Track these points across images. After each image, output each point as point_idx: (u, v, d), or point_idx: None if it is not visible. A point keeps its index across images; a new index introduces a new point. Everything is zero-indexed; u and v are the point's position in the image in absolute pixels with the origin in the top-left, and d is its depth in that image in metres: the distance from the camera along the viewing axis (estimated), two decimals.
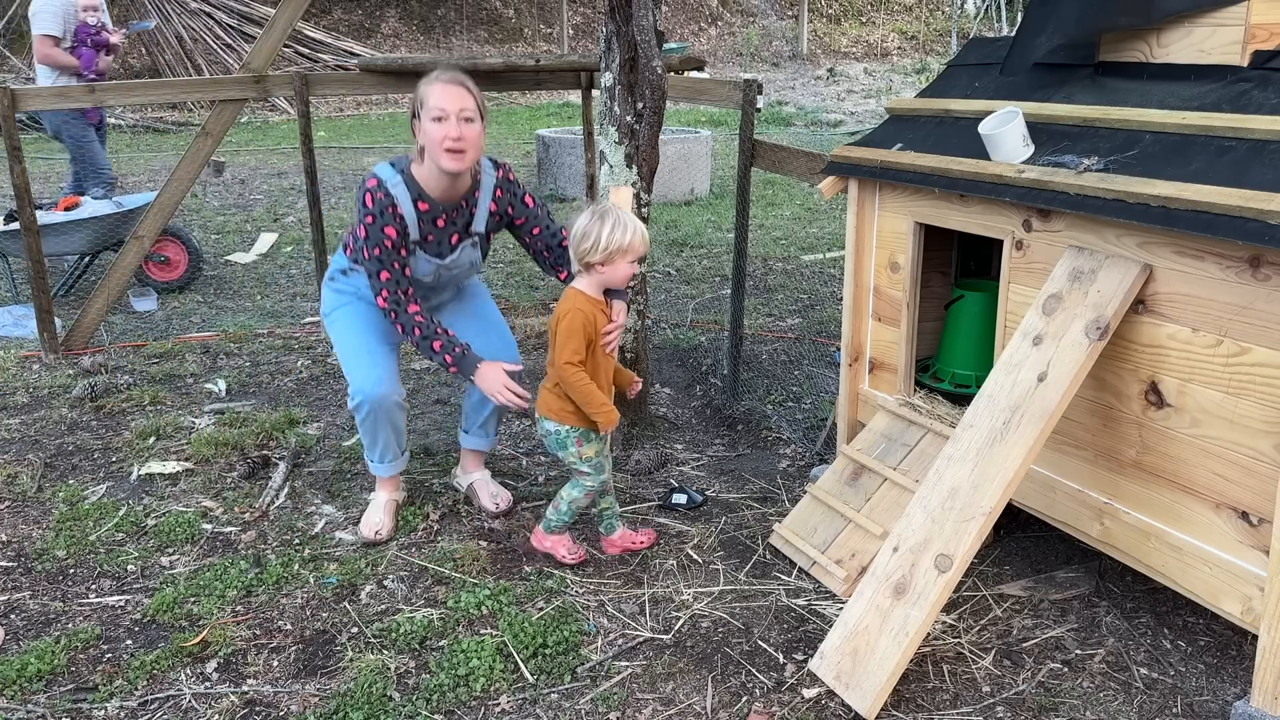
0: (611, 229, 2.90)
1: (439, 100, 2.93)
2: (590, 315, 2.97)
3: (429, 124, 2.94)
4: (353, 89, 5.27)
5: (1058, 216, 2.67)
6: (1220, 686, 2.54)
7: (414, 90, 3.06)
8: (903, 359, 3.30)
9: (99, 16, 6.57)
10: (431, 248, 3.15)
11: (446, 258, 3.18)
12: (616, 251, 2.92)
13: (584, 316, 2.95)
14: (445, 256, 3.18)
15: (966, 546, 2.47)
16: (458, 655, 2.64)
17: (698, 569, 3.11)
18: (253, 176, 10.32)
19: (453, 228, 3.17)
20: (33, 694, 2.54)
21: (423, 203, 3.07)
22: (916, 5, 22.74)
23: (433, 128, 2.93)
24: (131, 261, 5.28)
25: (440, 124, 2.92)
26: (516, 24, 19.60)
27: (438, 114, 2.92)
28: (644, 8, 3.60)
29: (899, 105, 3.38)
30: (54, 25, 6.46)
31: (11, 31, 15.42)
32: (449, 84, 2.96)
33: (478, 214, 3.20)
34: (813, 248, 7.32)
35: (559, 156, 9.10)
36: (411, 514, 3.41)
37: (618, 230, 2.90)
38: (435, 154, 2.96)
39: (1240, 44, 2.53)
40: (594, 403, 2.94)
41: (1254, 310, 2.25)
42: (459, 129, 2.93)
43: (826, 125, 14.01)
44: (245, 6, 15.45)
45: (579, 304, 2.98)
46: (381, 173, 3.05)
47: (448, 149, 2.94)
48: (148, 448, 3.98)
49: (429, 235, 3.12)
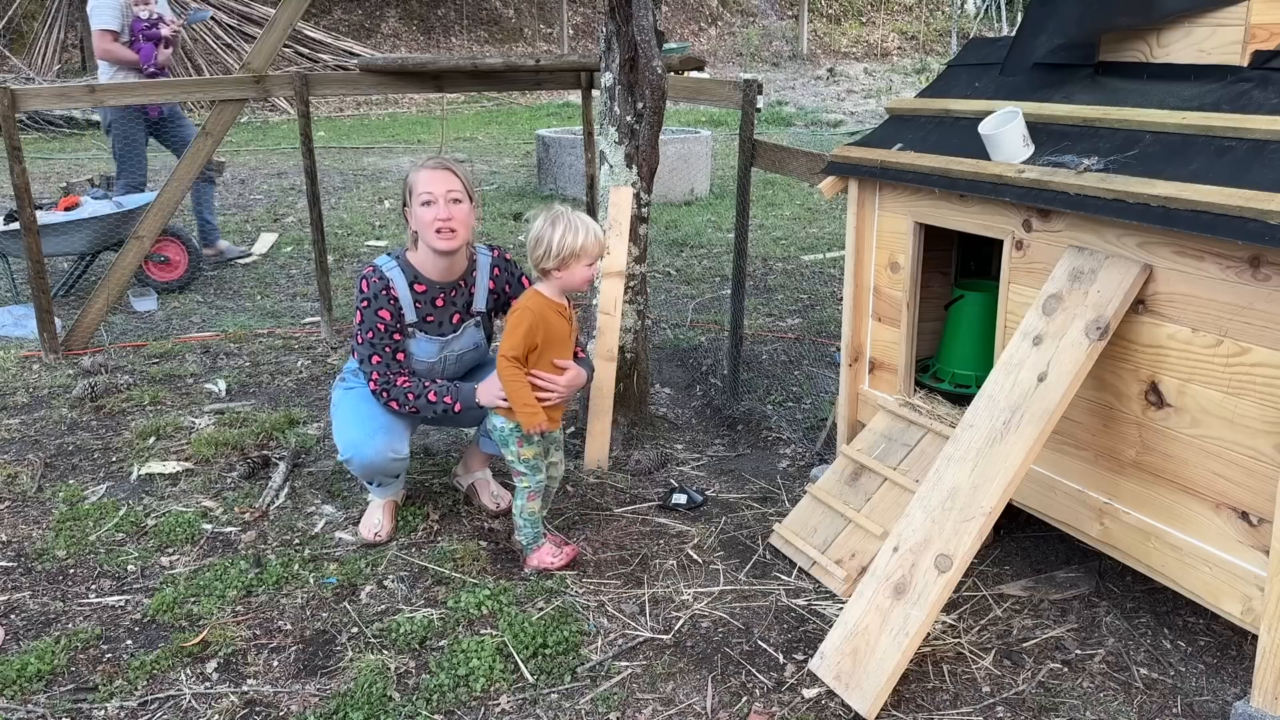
0: (563, 233, 2.91)
1: (426, 185, 3.07)
2: (541, 316, 2.97)
3: (419, 209, 3.08)
4: (353, 89, 5.27)
5: (1058, 216, 2.67)
6: (1220, 686, 2.54)
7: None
8: (903, 359, 3.30)
9: (151, 9, 6.37)
10: (433, 328, 3.23)
11: (448, 335, 3.25)
12: (570, 256, 2.92)
13: (533, 316, 2.96)
14: (447, 334, 3.24)
15: (966, 546, 2.47)
16: (458, 655, 2.64)
17: (698, 569, 3.11)
18: (253, 176, 10.32)
19: (452, 307, 3.25)
20: (33, 694, 2.54)
21: (419, 285, 3.19)
22: (916, 5, 22.73)
23: (423, 211, 3.07)
24: (131, 261, 5.28)
25: (429, 207, 3.06)
26: (516, 24, 19.60)
27: (426, 198, 3.06)
28: (644, 8, 3.61)
29: (899, 105, 3.38)
30: (111, 20, 6.26)
31: (11, 31, 15.42)
32: (435, 169, 3.11)
33: (477, 293, 3.29)
34: (813, 248, 7.33)
35: (559, 156, 9.10)
36: (411, 514, 3.41)
37: (569, 234, 2.91)
38: (427, 236, 3.09)
39: (1240, 44, 2.53)
40: (520, 400, 2.95)
41: (1254, 310, 2.25)
42: (448, 210, 3.07)
43: (826, 125, 14.01)
44: (245, 6, 15.46)
45: (531, 303, 2.99)
46: (378, 261, 3.21)
47: (438, 230, 3.07)
48: (148, 448, 3.98)
49: (428, 316, 3.21)
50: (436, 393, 3.14)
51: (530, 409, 2.95)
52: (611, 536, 3.31)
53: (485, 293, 3.30)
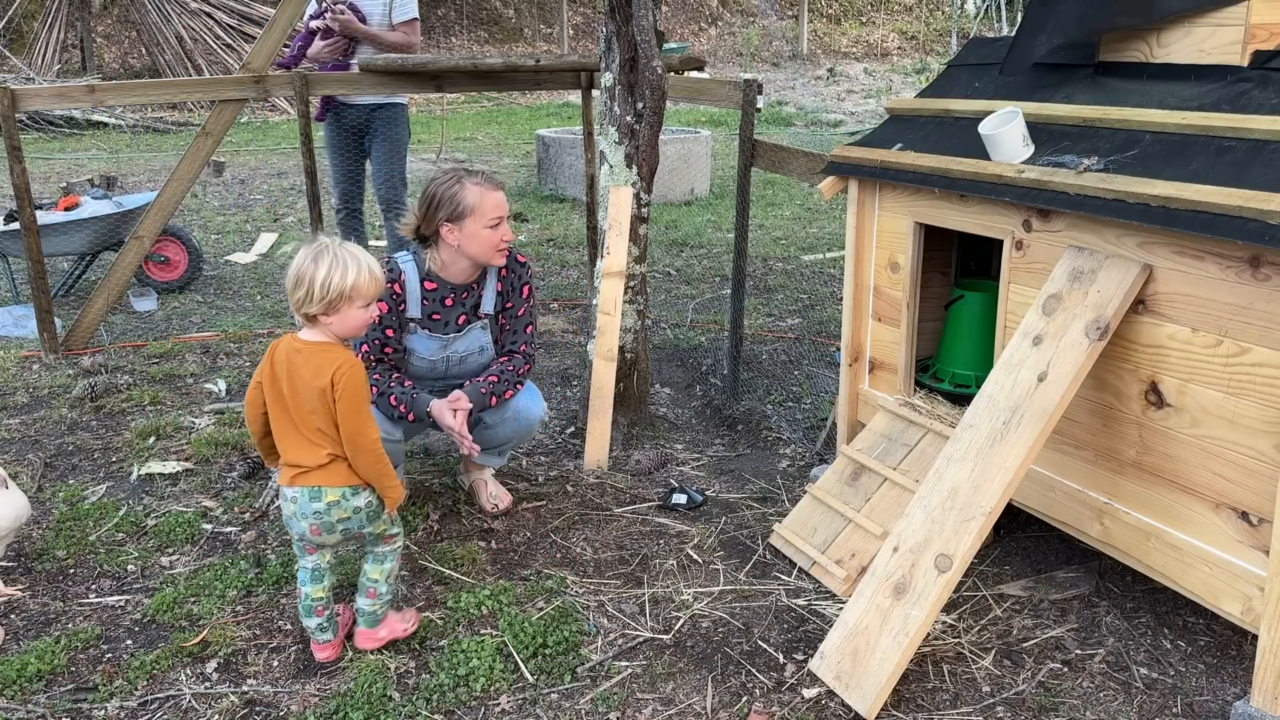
0: (328, 271, 2.42)
1: (496, 209, 3.12)
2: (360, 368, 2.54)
3: (482, 230, 3.11)
4: (353, 89, 5.26)
5: (1058, 216, 2.67)
6: (1220, 686, 2.54)
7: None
8: (903, 359, 3.30)
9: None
10: (437, 326, 3.25)
11: (450, 334, 3.26)
12: (339, 298, 2.44)
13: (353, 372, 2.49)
14: (450, 334, 3.26)
15: (966, 546, 2.47)
16: (458, 655, 2.64)
17: (698, 569, 3.11)
18: (253, 176, 10.32)
19: (460, 308, 3.27)
20: (33, 694, 2.54)
21: (429, 282, 3.22)
22: (916, 5, 22.73)
23: (489, 234, 3.12)
24: (131, 261, 5.28)
25: (496, 229, 3.13)
26: (516, 24, 19.60)
27: (494, 221, 3.12)
28: (644, 8, 3.61)
29: (899, 105, 3.38)
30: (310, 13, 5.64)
31: (11, 31, 15.42)
32: (496, 190, 3.15)
33: (485, 295, 3.31)
34: (813, 248, 7.32)
35: (559, 156, 9.10)
36: (411, 514, 3.41)
37: (336, 271, 2.42)
38: (487, 255, 3.16)
39: (1240, 44, 2.53)
40: (390, 477, 2.56)
41: (1254, 310, 2.25)
42: (509, 231, 3.18)
43: (826, 125, 14.01)
44: (245, 6, 15.45)
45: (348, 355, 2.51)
46: (395, 255, 3.24)
47: (501, 250, 3.17)
48: (148, 448, 3.98)
49: (434, 314, 3.24)
50: (397, 397, 3.15)
51: (394, 481, 2.59)
52: (611, 536, 3.31)
53: (494, 294, 3.31)
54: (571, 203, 8.76)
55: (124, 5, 16.07)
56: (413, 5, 5.53)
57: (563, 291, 6.26)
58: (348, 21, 5.34)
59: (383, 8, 5.45)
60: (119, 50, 16.29)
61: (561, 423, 4.23)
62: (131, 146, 11.98)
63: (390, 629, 2.72)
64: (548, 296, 6.09)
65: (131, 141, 12.38)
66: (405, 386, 3.19)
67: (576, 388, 4.60)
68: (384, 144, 5.53)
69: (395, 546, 2.71)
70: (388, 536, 2.69)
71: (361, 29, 5.38)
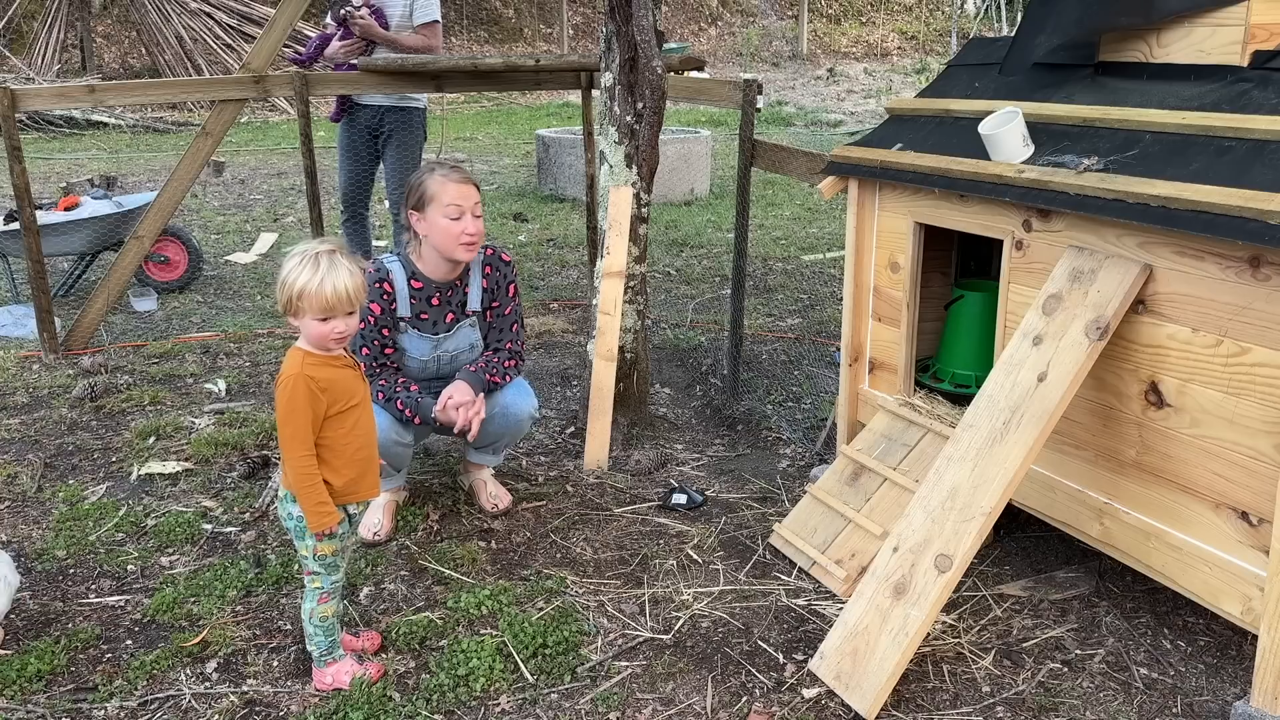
0: (289, 273, 2.35)
1: (455, 197, 3.08)
2: (307, 378, 2.38)
3: (443, 220, 3.09)
4: (353, 89, 5.26)
5: (1058, 216, 2.67)
6: (1220, 686, 2.54)
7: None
8: (903, 359, 3.30)
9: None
10: (426, 325, 3.25)
11: (440, 333, 3.26)
12: (289, 303, 2.36)
13: (307, 386, 2.38)
14: (440, 333, 3.26)
15: (966, 546, 2.47)
16: (458, 655, 2.64)
17: (698, 569, 3.11)
18: (253, 176, 10.32)
19: (448, 306, 3.27)
20: (33, 694, 2.54)
21: (416, 281, 3.22)
22: (916, 5, 22.73)
23: (449, 224, 3.09)
24: (131, 261, 5.28)
25: (458, 221, 3.09)
26: (516, 24, 19.60)
27: (454, 212, 3.08)
28: (644, 8, 3.61)
29: (899, 105, 3.38)
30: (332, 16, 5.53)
31: (11, 31, 15.42)
32: (461, 182, 3.12)
33: (471, 292, 3.31)
34: (813, 248, 7.32)
35: (559, 156, 9.10)
36: (411, 514, 3.41)
37: (293, 275, 2.33)
38: (450, 247, 3.12)
39: (1240, 44, 2.53)
40: (310, 499, 2.40)
41: (1254, 310, 2.25)
42: (475, 225, 3.11)
43: (826, 125, 14.02)
44: (245, 6, 15.45)
45: (290, 370, 2.40)
46: (381, 256, 3.24)
47: (464, 243, 3.11)
48: (148, 448, 3.98)
49: (423, 313, 3.24)
50: (403, 402, 3.16)
51: (322, 509, 2.40)
52: (611, 536, 3.31)
53: (480, 291, 3.31)
54: (571, 203, 8.76)
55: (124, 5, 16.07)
56: (434, 7, 5.49)
57: (563, 291, 6.26)
58: (368, 25, 5.33)
59: (403, 9, 5.44)
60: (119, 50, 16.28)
61: (561, 423, 4.23)
62: (131, 146, 11.98)
63: (334, 678, 2.53)
64: (548, 296, 6.09)
65: (131, 141, 12.38)
66: (411, 391, 3.19)
67: (576, 388, 4.60)
68: (397, 147, 5.53)
69: (314, 586, 2.49)
70: (307, 570, 2.50)
71: (381, 33, 5.38)
